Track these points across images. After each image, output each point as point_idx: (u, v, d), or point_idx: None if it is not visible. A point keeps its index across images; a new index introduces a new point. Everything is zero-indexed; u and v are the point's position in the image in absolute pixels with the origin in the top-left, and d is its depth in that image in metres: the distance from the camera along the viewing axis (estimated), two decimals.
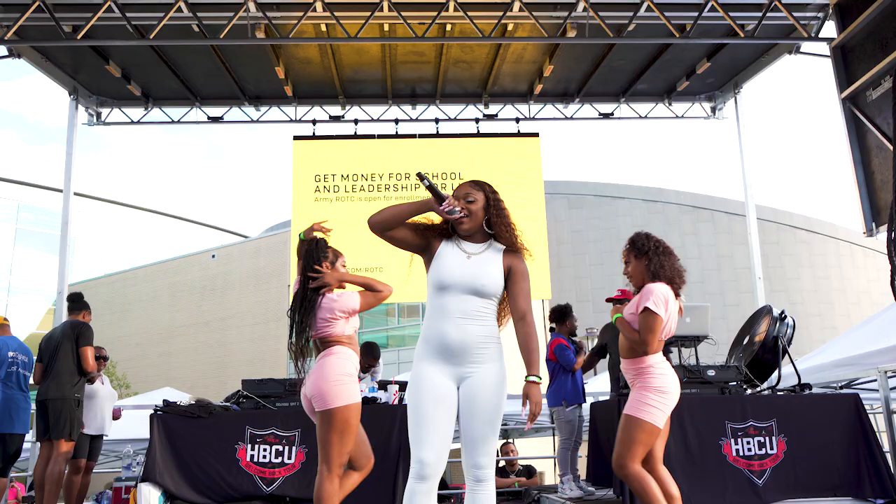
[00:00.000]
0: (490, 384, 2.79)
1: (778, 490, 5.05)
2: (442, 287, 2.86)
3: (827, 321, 27.89)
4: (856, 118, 6.27)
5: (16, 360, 5.78)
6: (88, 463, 6.38)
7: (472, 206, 2.92)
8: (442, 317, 2.83)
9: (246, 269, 30.75)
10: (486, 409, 2.77)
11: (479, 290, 2.83)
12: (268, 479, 4.94)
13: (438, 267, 2.89)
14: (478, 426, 2.76)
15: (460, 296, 2.83)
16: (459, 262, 2.88)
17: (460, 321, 2.80)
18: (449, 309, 2.82)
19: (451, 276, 2.85)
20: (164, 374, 30.09)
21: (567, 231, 30.46)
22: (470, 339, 2.80)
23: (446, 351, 2.80)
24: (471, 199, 2.93)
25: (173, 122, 8.96)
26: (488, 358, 2.82)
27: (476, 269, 2.86)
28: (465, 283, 2.84)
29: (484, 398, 2.77)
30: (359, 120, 8.92)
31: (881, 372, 5.70)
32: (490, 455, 2.78)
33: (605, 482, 5.51)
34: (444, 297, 2.85)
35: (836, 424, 5.23)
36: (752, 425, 5.17)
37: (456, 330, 2.79)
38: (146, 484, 4.85)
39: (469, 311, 2.81)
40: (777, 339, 5.57)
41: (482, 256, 2.91)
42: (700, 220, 29.92)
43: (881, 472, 5.09)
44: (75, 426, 5.48)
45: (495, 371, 2.82)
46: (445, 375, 2.81)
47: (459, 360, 2.80)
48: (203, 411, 5.08)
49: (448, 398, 2.79)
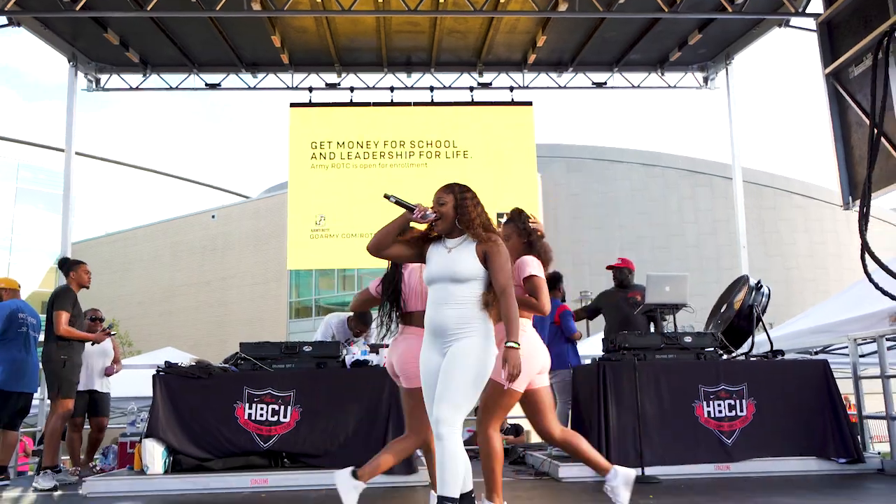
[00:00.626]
0: (461, 350, 3.14)
1: (746, 449, 5.35)
2: (429, 281, 3.33)
3: (821, 286, 28.16)
4: (838, 94, 6.41)
5: (25, 322, 6.04)
6: (99, 420, 6.68)
7: (443, 209, 3.32)
8: (430, 304, 3.30)
9: (246, 229, 30.99)
10: (455, 371, 3.10)
11: (454, 276, 3.23)
12: (265, 435, 5.24)
13: (427, 265, 3.38)
14: (443, 385, 3.10)
15: (441, 285, 3.26)
16: (441, 257, 3.32)
17: (439, 307, 3.24)
18: (433, 297, 3.29)
19: (434, 270, 3.31)
20: (166, 332, 30.54)
21: (565, 194, 30.56)
22: (447, 321, 3.20)
23: (434, 332, 3.25)
24: (442, 202, 3.34)
25: (171, 88, 9.09)
26: (466, 335, 3.17)
27: (452, 259, 3.28)
28: (443, 273, 3.26)
29: (449, 360, 3.14)
30: (354, 88, 9.04)
31: (851, 339, 5.96)
32: (450, 411, 3.03)
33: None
34: (430, 288, 3.33)
35: (805, 389, 5.51)
36: (723, 389, 5.45)
37: (436, 314, 3.24)
38: (150, 440, 5.14)
39: (446, 298, 3.23)
40: (752, 308, 5.81)
41: (460, 248, 3.31)
42: (698, 184, 30.00)
43: (844, 434, 5.38)
44: (63, 385, 5.56)
45: (470, 342, 3.15)
46: (436, 353, 3.24)
47: (442, 340, 3.22)
48: (203, 372, 5.35)
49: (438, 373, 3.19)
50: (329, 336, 6.66)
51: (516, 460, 6.40)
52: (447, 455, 2.99)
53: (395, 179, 8.68)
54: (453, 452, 3.00)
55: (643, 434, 5.17)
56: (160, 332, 30.70)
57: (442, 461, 3.00)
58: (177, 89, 9.11)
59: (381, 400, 5.29)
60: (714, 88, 9.31)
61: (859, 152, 6.11)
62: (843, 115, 6.41)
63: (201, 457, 5.16)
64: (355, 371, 5.54)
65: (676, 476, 5.10)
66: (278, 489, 4.95)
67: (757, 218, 29.22)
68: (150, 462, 5.09)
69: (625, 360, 5.42)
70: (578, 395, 6.01)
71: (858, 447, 5.41)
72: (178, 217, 34.48)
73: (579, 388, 6.00)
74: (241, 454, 5.22)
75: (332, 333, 6.70)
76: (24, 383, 6.01)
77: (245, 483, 5.00)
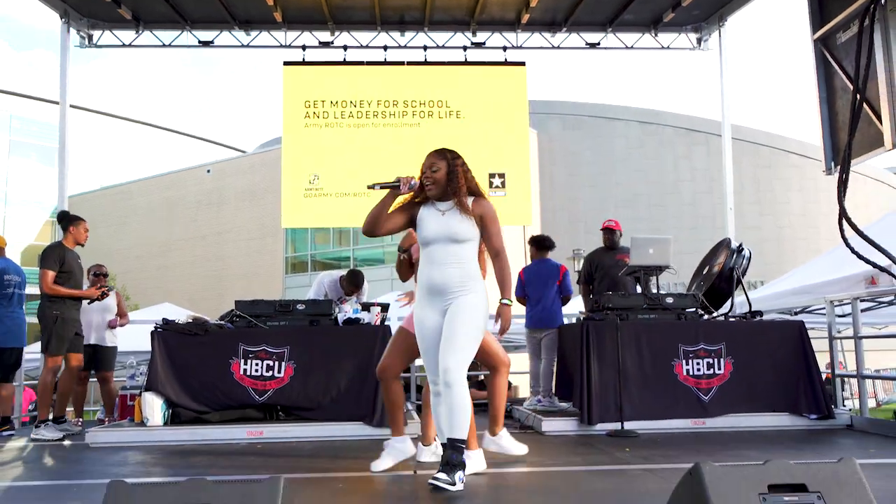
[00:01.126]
0: (463, 304, 3.38)
1: (722, 406, 5.59)
2: (426, 242, 3.49)
3: (812, 245, 28.37)
4: (825, 59, 6.45)
5: (12, 283, 6.25)
6: (101, 374, 6.89)
7: (436, 175, 3.49)
8: (428, 264, 3.48)
9: (241, 184, 30.94)
10: (460, 321, 3.33)
11: (453, 237, 3.43)
12: (260, 390, 5.44)
13: (421, 227, 3.52)
14: (449, 333, 3.32)
15: (440, 245, 3.44)
16: (436, 219, 3.48)
17: (441, 266, 3.43)
18: (433, 257, 3.46)
19: (431, 231, 3.46)
20: (163, 286, 30.75)
21: (561, 152, 30.52)
22: (450, 280, 3.41)
23: (433, 290, 3.45)
24: (434, 168, 3.50)
25: (164, 45, 9.07)
26: (467, 291, 3.42)
27: (449, 221, 3.45)
28: (442, 234, 3.44)
29: (455, 312, 3.36)
30: (348, 46, 9.03)
31: (828, 301, 6.15)
32: (457, 360, 3.26)
33: (569, 397, 6.03)
34: (429, 250, 3.49)
35: (780, 348, 5.73)
36: (702, 348, 5.66)
37: (439, 273, 3.43)
38: (150, 393, 5.35)
39: (446, 257, 3.43)
40: (733, 270, 5.99)
41: (453, 210, 3.49)
42: (695, 143, 29.96)
43: (816, 391, 5.62)
44: (52, 340, 5.68)
45: (471, 298, 3.41)
46: (435, 312, 3.45)
47: (442, 297, 3.43)
48: (199, 329, 5.53)
49: (438, 332, 3.40)
50: (322, 294, 6.85)
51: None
52: (457, 401, 3.22)
53: (388, 139, 8.75)
54: (462, 398, 3.24)
55: (623, 390, 5.39)
56: (157, 286, 30.91)
57: (452, 407, 3.22)
58: (170, 46, 9.08)
59: (371, 356, 5.46)
60: (707, 50, 9.32)
61: (843, 118, 6.19)
62: (829, 80, 6.46)
63: (199, 410, 5.38)
64: (347, 328, 5.72)
65: (654, 430, 5.34)
66: (273, 440, 5.18)
67: (752, 176, 29.28)
68: (150, 414, 5.31)
69: (608, 320, 5.61)
70: (564, 352, 6.22)
71: (829, 404, 5.66)
72: (174, 171, 34.35)
73: (565, 346, 6.20)
74: (237, 407, 5.44)
75: (325, 292, 6.89)
76: (12, 339, 6.27)
77: (241, 434, 5.22)
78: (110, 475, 4.06)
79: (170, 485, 1.88)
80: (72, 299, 5.83)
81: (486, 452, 3.96)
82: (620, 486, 3.55)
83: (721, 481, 1.97)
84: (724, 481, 1.97)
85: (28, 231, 33.64)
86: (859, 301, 5.80)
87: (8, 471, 4.42)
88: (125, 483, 1.88)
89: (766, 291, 7.97)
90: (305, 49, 8.96)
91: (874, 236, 5.24)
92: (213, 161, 34.55)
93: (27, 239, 32.93)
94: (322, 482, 3.74)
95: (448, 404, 3.24)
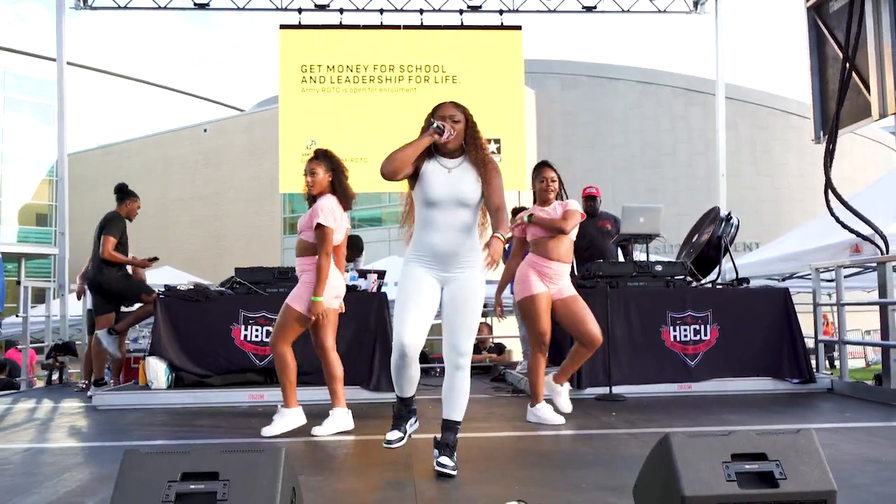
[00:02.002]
0: (473, 285, 3.22)
1: (708, 370, 5.78)
2: (430, 203, 3.18)
3: (809, 207, 28.43)
4: (817, 27, 6.51)
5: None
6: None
7: (457, 126, 3.22)
8: (432, 229, 3.18)
9: (239, 143, 30.83)
10: (471, 303, 3.21)
11: (462, 200, 3.17)
12: (260, 355, 5.62)
13: (424, 184, 3.20)
14: (461, 319, 3.19)
15: (447, 209, 3.17)
16: (442, 177, 3.19)
17: (449, 232, 3.16)
18: (438, 221, 3.17)
19: (437, 191, 3.17)
20: (163, 246, 30.78)
21: (559, 112, 30.38)
22: (458, 248, 3.18)
23: (436, 257, 3.18)
24: (456, 119, 3.23)
25: (160, 7, 9.05)
26: (472, 263, 3.21)
27: (457, 182, 3.19)
28: (450, 197, 3.16)
29: (467, 295, 3.21)
30: (344, 9, 9.01)
31: (813, 269, 6.30)
32: (469, 346, 3.23)
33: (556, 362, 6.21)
34: (432, 212, 3.18)
35: (765, 315, 5.90)
36: (689, 315, 5.83)
37: (444, 240, 3.15)
38: (153, 357, 5.53)
39: (454, 223, 3.17)
40: (721, 239, 6.12)
41: (460, 168, 3.23)
42: (692, 103, 29.78)
43: (799, 357, 5.80)
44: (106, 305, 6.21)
45: (476, 275, 3.23)
46: (432, 275, 3.21)
47: (446, 266, 3.19)
48: (201, 296, 5.68)
49: (431, 291, 3.20)
50: None
51: (497, 377, 6.84)
52: (464, 384, 3.21)
53: (384, 104, 8.80)
54: (467, 382, 3.22)
55: (612, 356, 5.56)
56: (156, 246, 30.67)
57: (459, 389, 3.19)
58: (165, 9, 9.08)
59: (368, 322, 5.65)
60: (704, 13, 9.32)
61: (833, 87, 6.27)
62: (820, 49, 6.53)
63: (201, 374, 5.56)
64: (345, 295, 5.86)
65: (641, 395, 5.54)
66: (274, 403, 5.33)
67: (749, 137, 29.21)
68: (154, 378, 5.49)
69: (598, 287, 5.76)
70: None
71: (811, 368, 5.86)
72: (170, 130, 34.18)
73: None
74: (238, 371, 5.62)
75: None
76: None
77: (243, 398, 5.41)
78: (118, 438, 4.26)
79: (179, 453, 2.04)
80: (122, 266, 6.23)
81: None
82: (603, 449, 3.74)
83: (688, 450, 2.13)
84: (691, 450, 2.13)
85: (25, 190, 33.55)
86: (842, 269, 5.94)
87: (19, 433, 4.61)
88: (139, 452, 2.04)
89: (755, 258, 8.13)
90: (301, 12, 8.94)
91: (877, 194, 5.37)
92: (210, 120, 34.32)
93: (24, 198, 32.91)
94: (321, 445, 3.93)
95: (456, 387, 3.20)
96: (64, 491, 2.97)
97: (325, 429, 4.12)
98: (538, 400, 4.53)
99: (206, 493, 1.94)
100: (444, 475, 3.07)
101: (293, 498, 2.10)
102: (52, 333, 8.00)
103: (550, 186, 4.64)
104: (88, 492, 2.95)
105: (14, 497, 2.88)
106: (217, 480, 1.96)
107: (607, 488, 2.86)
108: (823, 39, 6.47)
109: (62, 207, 8.62)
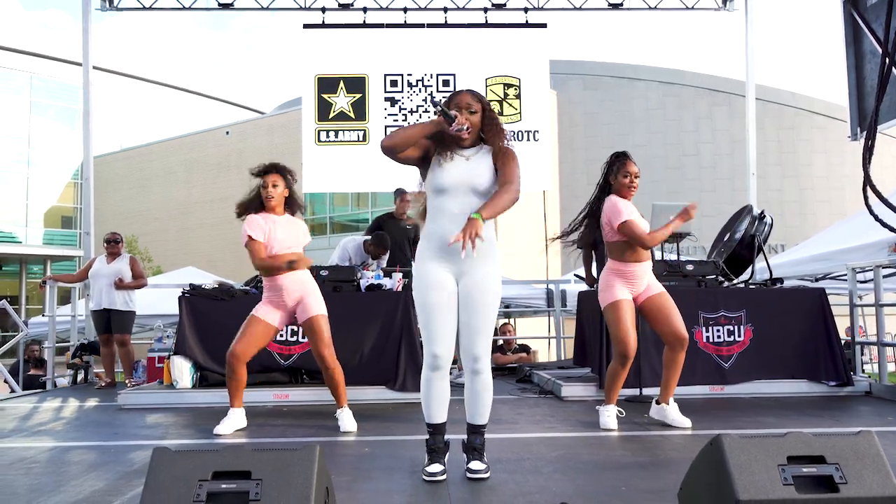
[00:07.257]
0: (488, 282, 3.04)
1: (742, 373, 5.63)
2: (441, 190, 3.03)
3: (836, 207, 28.02)
4: (854, 22, 6.34)
5: None
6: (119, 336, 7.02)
7: (473, 118, 3.07)
8: (443, 217, 3.02)
9: (260, 146, 30.96)
10: (485, 304, 3.03)
11: (475, 188, 3.01)
12: (285, 354, 5.57)
13: (436, 171, 3.05)
14: (478, 320, 3.02)
15: (459, 197, 3.00)
16: (456, 165, 3.05)
17: (460, 220, 2.91)
18: (450, 210, 3.01)
19: (449, 178, 3.01)
20: (185, 248, 31.10)
21: (581, 113, 30.18)
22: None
23: (448, 249, 2.96)
24: (472, 109, 3.08)
25: (184, 8, 9.06)
26: (486, 255, 3.01)
27: (471, 170, 3.04)
28: (462, 183, 3.01)
29: (483, 293, 3.02)
30: (368, 8, 8.96)
31: (850, 268, 6.13)
32: (487, 347, 3.07)
33: (583, 363, 6.11)
34: (443, 199, 3.03)
35: (801, 315, 5.73)
36: (723, 315, 5.69)
37: (457, 229, 2.89)
38: (178, 356, 5.50)
39: (467, 210, 2.93)
40: (754, 237, 5.97)
41: (477, 156, 3.09)
42: (716, 103, 29.44)
43: (836, 358, 5.63)
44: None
45: (492, 270, 3.06)
46: (447, 271, 3.04)
47: (458, 256, 2.91)
48: (225, 294, 5.64)
49: (451, 294, 3.04)
50: (346, 259, 6.90)
51: (523, 378, 6.73)
52: (485, 388, 3.07)
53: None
54: (489, 385, 3.09)
55: (643, 357, 5.43)
56: (178, 248, 31.25)
57: (481, 393, 3.06)
58: (190, 9, 9.08)
59: (393, 322, 5.57)
60: (733, 10, 9.15)
61: (871, 83, 6.10)
62: (857, 44, 6.36)
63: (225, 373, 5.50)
64: (370, 294, 5.80)
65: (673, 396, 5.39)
66: (299, 403, 5.32)
67: (775, 138, 28.81)
68: (179, 377, 5.45)
69: None
70: (583, 319, 6.27)
71: (848, 371, 5.68)
72: (193, 133, 34.43)
73: (584, 313, 6.25)
74: (263, 371, 5.56)
75: (349, 256, 6.94)
76: None
77: (269, 397, 5.36)
78: (143, 437, 4.22)
79: (210, 452, 1.97)
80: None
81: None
82: (638, 451, 3.63)
83: (741, 452, 2.02)
84: (745, 452, 2.02)
85: (51, 193, 33.90)
86: (881, 268, 5.77)
87: (46, 432, 4.59)
88: (168, 450, 1.97)
89: (788, 258, 7.95)
90: (325, 11, 8.90)
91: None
92: (231, 122, 34.54)
93: (50, 200, 33.27)
94: (347, 445, 3.86)
95: (479, 390, 3.06)
96: (90, 490, 2.92)
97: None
98: (610, 402, 4.44)
99: (239, 493, 1.86)
100: (478, 480, 2.98)
101: (326, 498, 2.02)
102: (78, 333, 8.02)
103: (634, 183, 4.32)
104: (114, 491, 2.90)
105: (41, 496, 2.84)
106: (249, 480, 1.88)
107: (649, 491, 2.75)
108: (860, 34, 6.30)
109: (87, 209, 8.64)
